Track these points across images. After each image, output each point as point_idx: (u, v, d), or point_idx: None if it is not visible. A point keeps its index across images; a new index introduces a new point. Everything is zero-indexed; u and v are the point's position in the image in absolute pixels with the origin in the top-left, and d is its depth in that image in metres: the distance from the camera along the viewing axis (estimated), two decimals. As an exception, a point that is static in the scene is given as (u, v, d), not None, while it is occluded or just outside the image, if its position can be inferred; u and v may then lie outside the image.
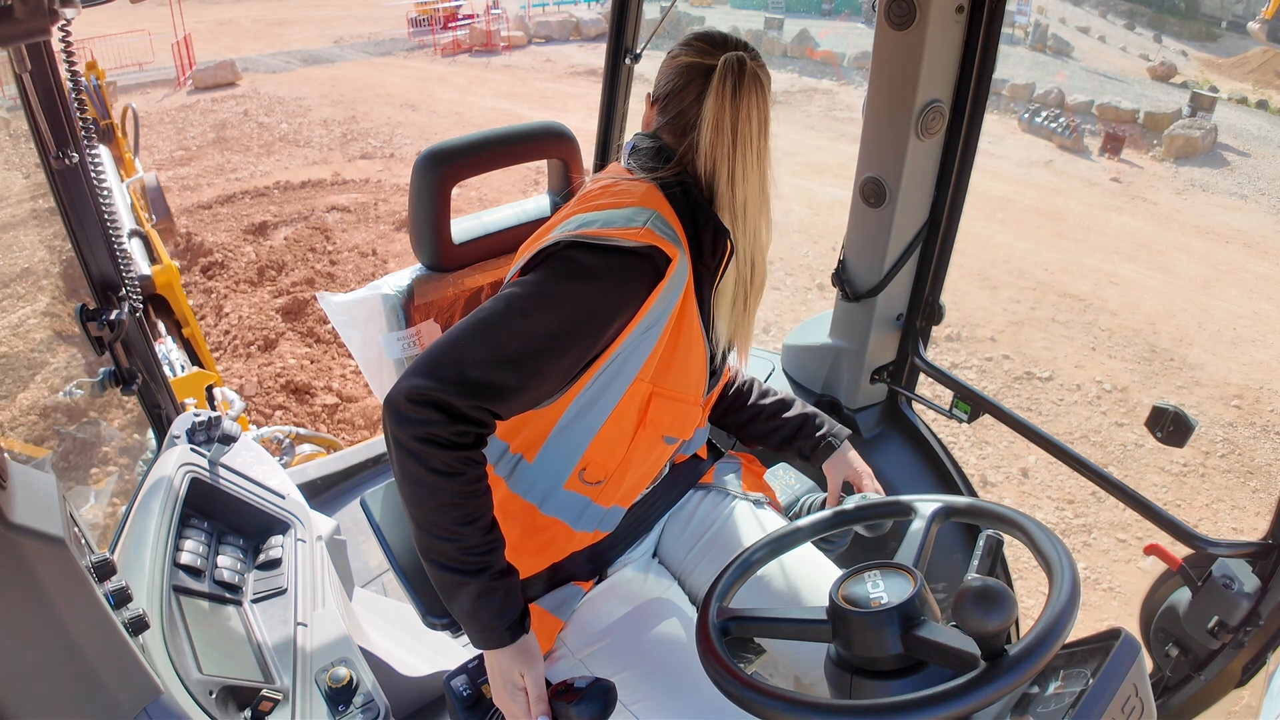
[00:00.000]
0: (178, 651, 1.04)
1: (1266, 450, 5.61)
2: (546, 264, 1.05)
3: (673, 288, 1.09)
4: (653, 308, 1.08)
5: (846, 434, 1.41)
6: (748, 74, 1.06)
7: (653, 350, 1.11)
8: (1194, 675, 1.39)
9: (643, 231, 1.05)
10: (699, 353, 1.17)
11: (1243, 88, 16.26)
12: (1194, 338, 7.13)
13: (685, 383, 1.17)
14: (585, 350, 1.06)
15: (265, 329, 6.45)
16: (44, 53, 1.21)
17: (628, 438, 1.16)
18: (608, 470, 1.18)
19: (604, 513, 1.22)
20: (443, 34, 19.27)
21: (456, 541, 0.99)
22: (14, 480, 0.81)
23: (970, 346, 6.68)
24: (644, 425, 1.15)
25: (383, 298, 1.50)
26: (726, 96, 1.06)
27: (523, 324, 1.00)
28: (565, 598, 1.23)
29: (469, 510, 0.98)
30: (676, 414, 1.18)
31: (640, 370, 1.11)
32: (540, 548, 1.22)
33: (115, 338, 1.41)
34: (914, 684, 0.82)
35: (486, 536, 1.01)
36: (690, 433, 1.26)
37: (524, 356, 0.99)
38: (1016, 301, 7.52)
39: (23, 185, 8.28)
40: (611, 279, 1.04)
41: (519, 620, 1.05)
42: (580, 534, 1.22)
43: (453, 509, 0.98)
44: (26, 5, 0.64)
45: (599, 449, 1.16)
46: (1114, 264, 8.57)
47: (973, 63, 1.53)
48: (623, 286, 1.05)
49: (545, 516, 1.20)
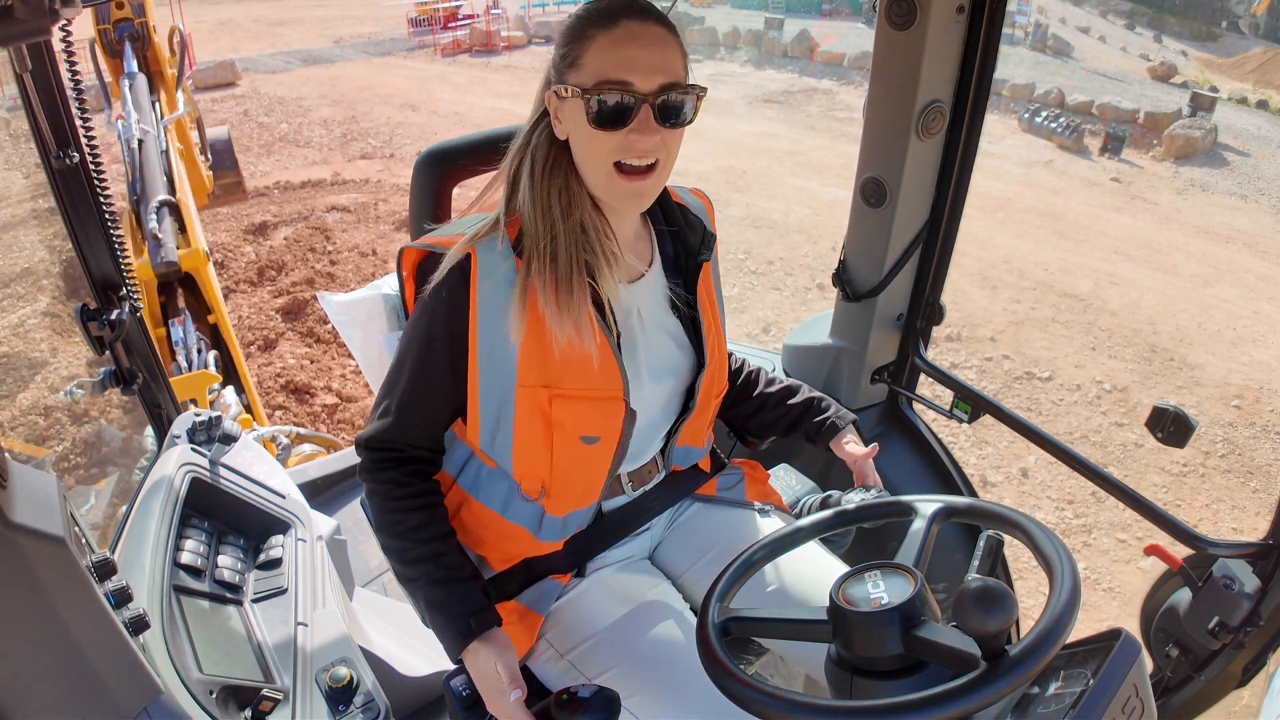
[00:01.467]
0: (178, 651, 1.04)
1: (1266, 450, 5.61)
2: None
3: (493, 290, 1.06)
4: (480, 309, 1.06)
5: (852, 418, 1.41)
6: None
7: (519, 351, 1.07)
8: (1194, 675, 1.39)
9: (458, 237, 1.09)
10: (588, 346, 1.09)
11: (1243, 88, 16.27)
12: (1194, 338, 7.13)
13: (585, 378, 1.10)
14: (449, 369, 1.10)
15: (265, 329, 6.46)
16: (44, 52, 1.21)
17: (546, 444, 1.13)
18: (541, 479, 1.16)
19: (562, 521, 1.20)
20: (443, 34, 19.28)
21: (399, 552, 1.13)
22: (14, 480, 0.81)
23: (970, 346, 6.68)
24: (552, 428, 1.11)
25: (383, 297, 1.50)
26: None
27: (399, 367, 1.14)
28: (543, 592, 1.22)
29: (405, 522, 1.13)
30: (586, 412, 1.12)
31: (519, 375, 1.08)
32: (512, 552, 1.22)
33: (115, 337, 1.41)
34: (914, 684, 0.82)
35: (425, 546, 1.12)
36: (616, 431, 1.16)
37: (401, 399, 1.13)
38: (1017, 301, 7.52)
39: (23, 185, 8.29)
40: (432, 294, 1.08)
41: (468, 624, 1.09)
42: (546, 543, 1.21)
43: (390, 523, 1.14)
44: (27, 5, 0.64)
45: (523, 459, 1.15)
46: (1114, 264, 8.57)
47: (973, 63, 1.53)
48: (439, 295, 1.08)
49: (509, 524, 1.19)
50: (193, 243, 3.91)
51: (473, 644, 1.08)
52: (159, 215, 3.73)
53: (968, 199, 1.69)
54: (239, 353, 4.05)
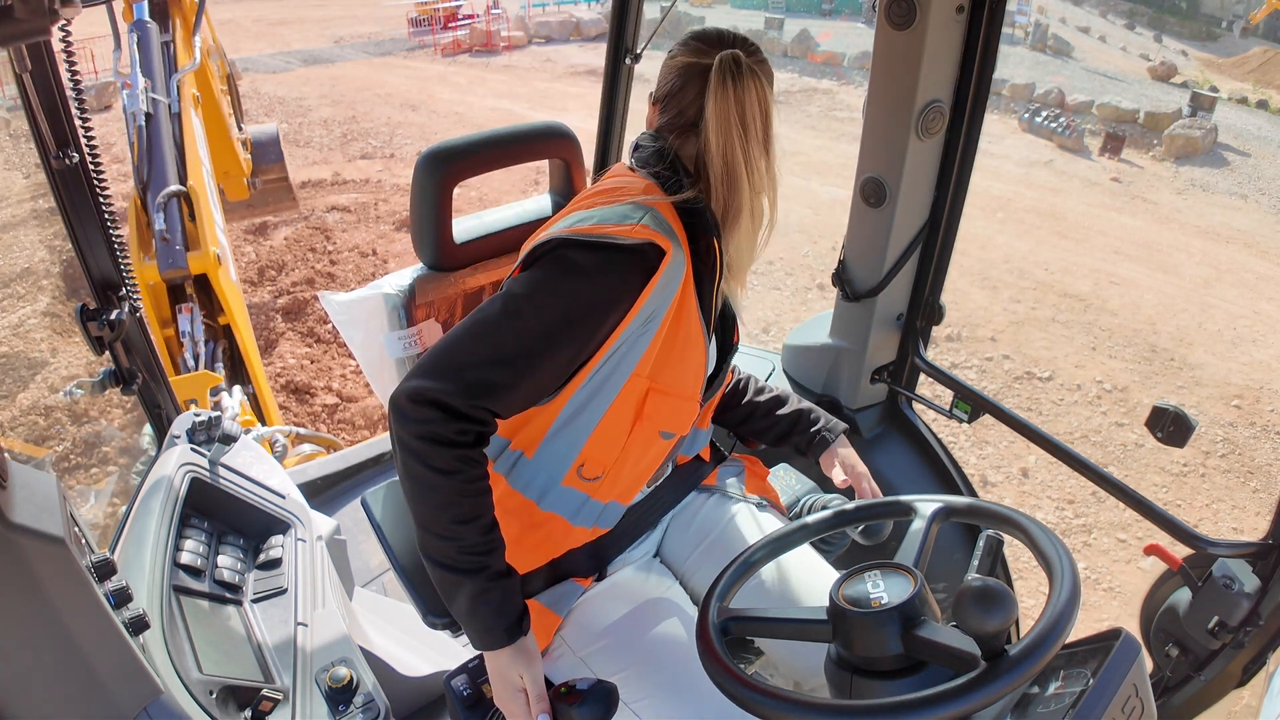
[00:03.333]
0: (178, 651, 1.04)
1: (1266, 450, 5.61)
2: (540, 262, 1.07)
3: (668, 282, 1.09)
4: (647, 302, 1.08)
5: (843, 429, 1.41)
6: (744, 69, 1.07)
7: (650, 346, 1.11)
8: (1194, 675, 1.39)
9: (636, 228, 1.06)
10: (697, 348, 1.17)
11: (1243, 87, 16.27)
12: (1194, 338, 7.13)
13: (683, 378, 1.17)
14: (580, 347, 1.07)
15: (265, 329, 6.46)
16: (44, 52, 1.21)
17: (625, 432, 1.16)
18: (605, 465, 1.18)
19: (602, 508, 1.22)
20: (443, 34, 19.27)
21: (455, 541, 1.01)
22: (14, 480, 0.81)
23: (970, 346, 6.68)
24: (641, 420, 1.15)
25: (384, 297, 1.50)
26: (725, 93, 1.07)
27: (517, 324, 1.02)
28: (563, 594, 1.23)
29: (467, 509, 1.01)
30: (673, 409, 1.18)
31: (637, 366, 1.11)
32: (538, 543, 1.22)
33: (115, 337, 1.41)
34: (914, 684, 0.82)
35: (485, 537, 1.03)
36: (687, 428, 1.25)
37: (519, 355, 1.01)
38: (1017, 301, 7.52)
39: (23, 185, 8.29)
40: (604, 275, 1.05)
41: (516, 621, 1.06)
42: (578, 529, 1.22)
43: (451, 507, 1.00)
44: (27, 5, 0.64)
45: (597, 444, 1.16)
46: (1114, 264, 8.57)
47: (973, 63, 1.53)
48: (615, 282, 1.06)
49: (543, 512, 1.20)
50: (203, 242, 3.34)
51: (514, 644, 1.06)
52: (166, 211, 3.30)
53: (968, 199, 1.69)
54: (255, 355, 3.62)
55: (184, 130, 3.65)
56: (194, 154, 3.68)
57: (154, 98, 3.60)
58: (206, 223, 3.43)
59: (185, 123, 3.73)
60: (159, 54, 3.81)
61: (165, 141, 3.51)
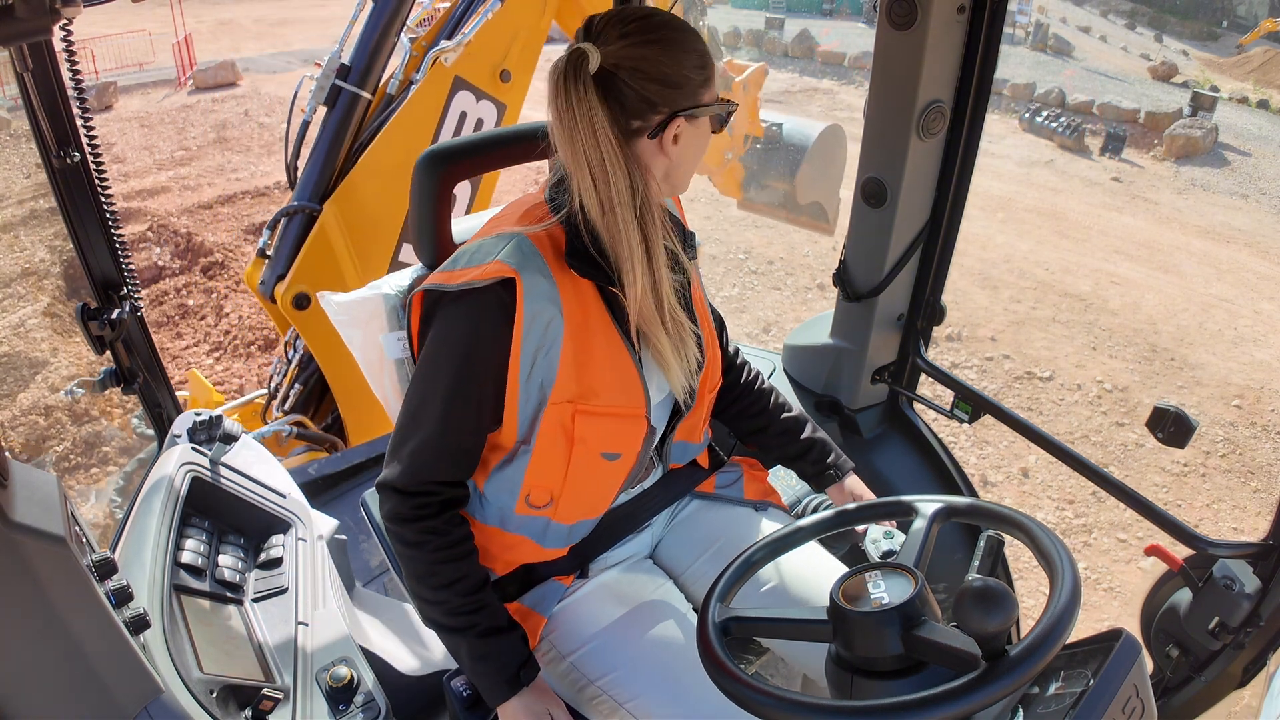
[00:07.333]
0: (178, 650, 1.04)
1: (1267, 450, 5.61)
2: (431, 322, 1.08)
3: (540, 309, 1.03)
4: (525, 335, 1.03)
5: (851, 466, 1.39)
6: (578, 70, 0.97)
7: (558, 371, 1.06)
8: (1194, 676, 1.40)
9: (487, 266, 1.02)
10: (621, 365, 1.11)
11: (1243, 87, 16.27)
12: (1195, 338, 7.13)
13: (612, 397, 1.10)
14: (492, 391, 1.07)
15: (265, 329, 6.46)
16: (45, 52, 1.21)
17: (563, 458, 1.12)
18: (551, 492, 1.15)
19: (568, 529, 1.20)
20: (443, 34, 19.24)
21: (442, 604, 1.09)
22: (15, 479, 0.81)
23: (971, 346, 6.68)
24: (575, 444, 1.11)
25: (383, 297, 1.49)
26: (557, 103, 0.99)
27: (431, 389, 1.08)
28: (545, 594, 1.21)
29: (446, 575, 1.09)
30: (611, 430, 1.13)
31: (552, 394, 1.07)
32: (513, 557, 1.21)
33: (116, 337, 1.41)
34: (915, 684, 0.82)
35: (469, 598, 1.09)
36: (635, 448, 1.17)
37: (441, 421, 1.06)
38: (1017, 301, 7.52)
39: (23, 185, 8.29)
40: (473, 321, 1.04)
41: (516, 673, 1.09)
42: (550, 550, 1.21)
43: (431, 575, 1.09)
44: (28, 5, 0.65)
45: (536, 473, 1.13)
46: (1115, 264, 8.57)
47: (974, 63, 1.53)
48: (485, 325, 1.04)
49: (511, 535, 1.19)
50: (293, 278, 2.80)
51: (520, 694, 1.10)
52: (284, 226, 2.88)
53: (968, 199, 1.69)
54: (344, 396, 3.12)
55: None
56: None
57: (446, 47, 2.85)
58: (311, 256, 2.87)
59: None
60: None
61: (331, 145, 3.01)
